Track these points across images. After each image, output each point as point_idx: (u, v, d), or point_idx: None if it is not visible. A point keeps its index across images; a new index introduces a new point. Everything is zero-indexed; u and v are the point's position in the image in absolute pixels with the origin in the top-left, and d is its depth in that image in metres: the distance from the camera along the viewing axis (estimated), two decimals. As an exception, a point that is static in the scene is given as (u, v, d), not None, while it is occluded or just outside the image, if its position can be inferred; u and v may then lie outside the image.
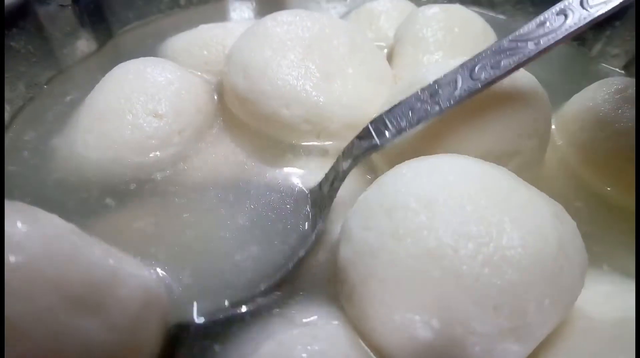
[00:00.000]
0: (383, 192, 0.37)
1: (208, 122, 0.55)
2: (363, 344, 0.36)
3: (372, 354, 0.35)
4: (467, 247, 0.31)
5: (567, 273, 0.33)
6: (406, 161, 0.40)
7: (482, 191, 0.34)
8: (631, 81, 0.55)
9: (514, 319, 0.31)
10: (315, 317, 0.37)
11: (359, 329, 0.36)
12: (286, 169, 0.51)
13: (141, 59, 0.56)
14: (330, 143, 0.53)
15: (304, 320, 0.36)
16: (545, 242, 0.32)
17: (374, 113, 0.52)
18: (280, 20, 0.55)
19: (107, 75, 0.53)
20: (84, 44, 0.66)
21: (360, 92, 0.53)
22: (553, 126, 0.57)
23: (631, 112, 0.51)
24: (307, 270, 0.41)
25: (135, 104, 0.50)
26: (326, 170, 0.46)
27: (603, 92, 0.54)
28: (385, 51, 0.67)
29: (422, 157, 0.40)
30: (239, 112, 0.55)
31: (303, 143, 0.53)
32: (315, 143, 0.53)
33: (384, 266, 0.33)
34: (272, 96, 0.51)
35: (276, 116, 0.51)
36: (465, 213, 0.33)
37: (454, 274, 0.31)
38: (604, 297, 0.38)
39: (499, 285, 0.30)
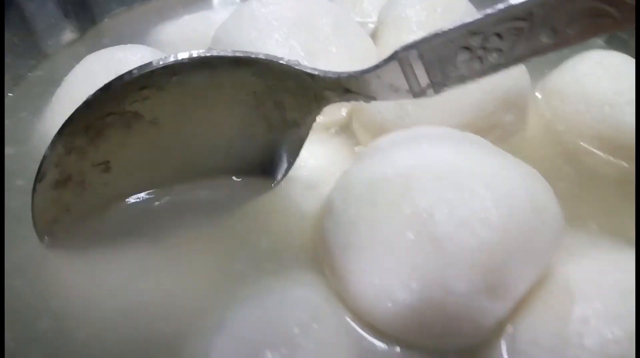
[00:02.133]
0: (362, 165, 0.38)
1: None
2: (347, 317, 0.36)
3: (354, 324, 0.36)
4: (442, 211, 0.32)
5: (541, 233, 0.33)
6: (385, 135, 0.41)
7: (457, 159, 0.35)
8: (611, 53, 0.56)
9: (490, 278, 0.31)
10: (298, 287, 0.38)
11: (342, 298, 0.37)
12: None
13: (119, 46, 0.56)
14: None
15: (286, 291, 0.37)
16: (518, 204, 0.33)
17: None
18: (266, 2, 0.56)
19: (81, 62, 0.54)
20: (68, 34, 0.67)
21: (344, 70, 0.53)
22: (539, 96, 0.58)
23: (610, 84, 0.52)
24: (291, 244, 0.42)
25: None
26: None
27: (583, 65, 0.55)
28: (370, 32, 0.68)
29: (400, 130, 0.41)
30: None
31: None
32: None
33: (363, 234, 0.34)
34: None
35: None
36: (440, 181, 0.34)
37: (430, 236, 0.32)
38: (585, 258, 0.39)
39: (473, 245, 0.31)
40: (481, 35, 0.32)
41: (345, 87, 0.38)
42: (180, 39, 0.65)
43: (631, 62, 0.54)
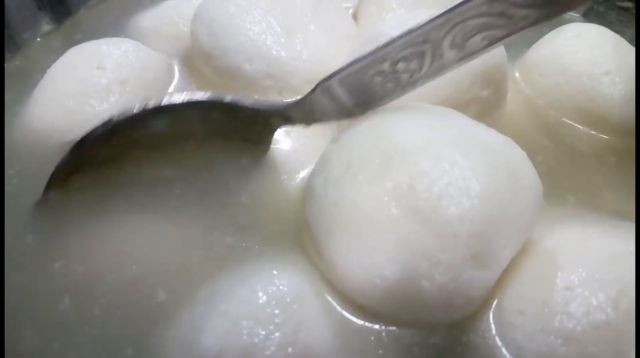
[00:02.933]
0: (340, 146, 0.39)
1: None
2: (329, 298, 0.37)
3: (338, 306, 0.36)
4: (423, 183, 0.32)
5: (520, 197, 0.34)
6: (361, 116, 0.41)
7: (433, 132, 0.35)
8: (589, 26, 0.56)
9: (474, 245, 0.32)
10: (281, 269, 0.37)
11: (330, 282, 0.37)
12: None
13: (103, 39, 0.55)
14: (293, 99, 0.53)
15: (270, 272, 0.37)
16: (496, 170, 0.33)
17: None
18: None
19: (64, 54, 0.53)
20: (44, 26, 0.66)
21: (322, 48, 0.54)
22: (517, 74, 0.58)
23: (588, 55, 0.52)
24: (273, 234, 0.42)
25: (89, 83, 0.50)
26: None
27: (561, 38, 0.55)
28: (351, 11, 0.67)
29: (376, 109, 0.40)
30: (205, 70, 0.57)
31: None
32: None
33: (346, 214, 0.34)
34: (234, 51, 0.52)
35: (239, 71, 0.52)
36: (419, 154, 0.34)
37: (412, 209, 0.32)
38: (567, 229, 0.39)
39: (456, 214, 0.31)
40: (389, 61, 0.36)
41: (285, 115, 0.42)
42: (163, 24, 0.64)
43: (608, 33, 0.54)
